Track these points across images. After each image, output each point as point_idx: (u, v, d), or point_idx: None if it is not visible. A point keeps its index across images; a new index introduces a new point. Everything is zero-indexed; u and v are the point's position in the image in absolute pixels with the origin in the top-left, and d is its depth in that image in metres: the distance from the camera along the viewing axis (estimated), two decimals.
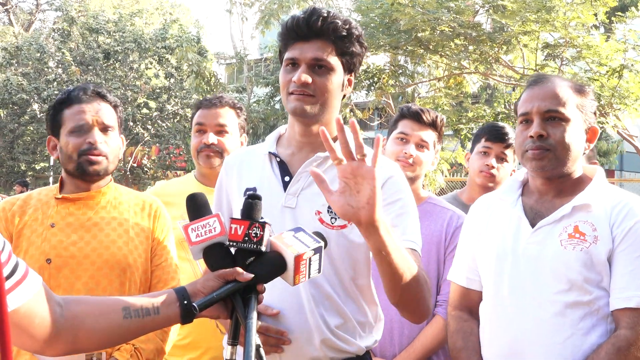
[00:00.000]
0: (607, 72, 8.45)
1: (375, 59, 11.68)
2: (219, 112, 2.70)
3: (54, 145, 2.21)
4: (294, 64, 1.84)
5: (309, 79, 1.81)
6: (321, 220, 1.83)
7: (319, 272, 1.49)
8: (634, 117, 9.09)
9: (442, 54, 9.88)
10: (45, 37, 23.82)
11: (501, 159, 3.02)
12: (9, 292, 1.23)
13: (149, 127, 22.09)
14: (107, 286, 2.00)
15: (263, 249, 1.45)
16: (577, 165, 1.94)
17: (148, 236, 2.15)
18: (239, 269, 1.43)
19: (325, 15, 1.83)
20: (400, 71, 11.59)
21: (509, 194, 2.02)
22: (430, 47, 9.63)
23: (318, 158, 1.87)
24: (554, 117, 1.88)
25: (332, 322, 1.82)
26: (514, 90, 11.13)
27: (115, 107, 2.19)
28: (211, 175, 2.63)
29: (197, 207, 1.50)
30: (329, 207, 1.82)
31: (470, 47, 9.55)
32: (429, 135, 2.71)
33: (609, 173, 21.23)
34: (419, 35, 9.18)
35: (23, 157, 23.18)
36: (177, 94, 22.23)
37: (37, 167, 24.26)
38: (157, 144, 22.27)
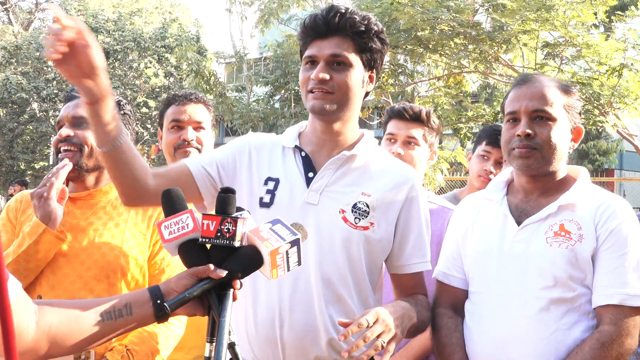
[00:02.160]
0: (607, 71, 8.44)
1: None
2: (197, 108, 2.68)
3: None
4: (313, 61, 1.83)
5: (327, 76, 1.80)
6: (345, 219, 1.82)
7: (299, 264, 1.48)
8: (633, 116, 9.09)
9: (442, 53, 9.88)
10: (45, 36, 23.79)
11: (499, 163, 3.05)
12: None
13: (149, 126, 22.08)
14: (95, 286, 1.99)
15: (237, 244, 1.42)
16: (562, 165, 1.97)
17: (146, 238, 2.12)
18: (212, 266, 1.42)
19: (343, 11, 1.81)
20: (400, 70, 11.58)
21: (494, 193, 2.05)
22: (430, 46, 9.62)
23: (343, 156, 1.87)
24: (541, 117, 1.91)
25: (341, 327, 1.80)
26: (510, 92, 11.12)
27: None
28: None
29: (171, 202, 1.48)
30: (354, 206, 1.83)
31: (470, 46, 9.54)
32: (416, 131, 2.71)
33: (609, 172, 21.23)
34: (419, 34, 9.17)
35: (22, 156, 23.18)
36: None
37: (37, 166, 24.25)
38: (157, 143, 22.28)
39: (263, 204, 1.85)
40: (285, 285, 1.81)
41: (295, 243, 1.45)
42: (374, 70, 1.90)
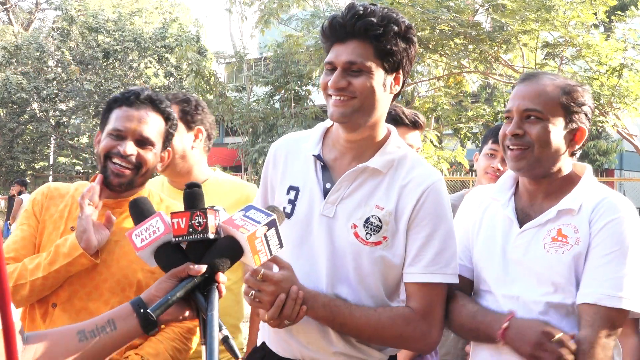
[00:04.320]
0: (607, 71, 8.45)
1: None
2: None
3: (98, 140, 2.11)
4: (333, 68, 1.77)
5: (344, 84, 1.74)
6: (356, 235, 1.78)
7: (281, 246, 1.43)
8: (633, 116, 9.09)
9: (442, 53, 9.88)
10: (45, 36, 23.80)
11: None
12: None
13: None
14: (109, 298, 1.95)
15: (211, 236, 1.38)
16: (563, 164, 1.92)
17: None
18: (190, 264, 1.37)
19: (362, 12, 1.72)
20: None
21: (501, 192, 2.02)
22: (430, 46, 9.63)
23: (358, 170, 1.82)
24: (532, 116, 1.88)
25: (354, 339, 1.82)
26: (513, 89, 11.12)
27: (167, 119, 2.08)
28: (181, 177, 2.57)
29: (139, 210, 1.45)
30: (366, 221, 1.78)
31: (470, 46, 9.54)
32: (413, 135, 2.74)
33: (609, 172, 21.24)
34: (419, 34, 9.17)
35: (22, 156, 23.18)
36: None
37: (37, 167, 24.25)
38: None
39: (285, 215, 1.85)
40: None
41: (272, 224, 1.41)
42: (400, 72, 1.80)
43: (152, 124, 2.02)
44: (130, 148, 1.97)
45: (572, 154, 1.93)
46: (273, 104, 17.38)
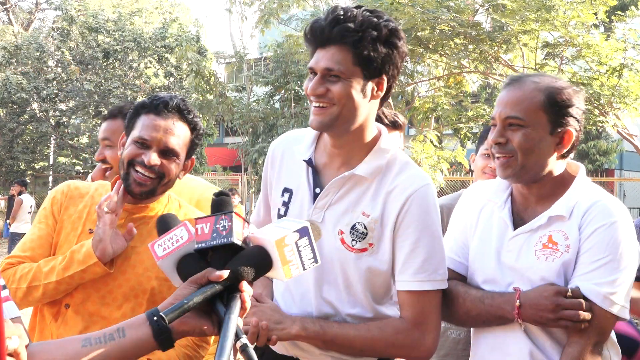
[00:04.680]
0: (607, 71, 8.45)
1: None
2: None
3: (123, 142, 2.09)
4: (314, 72, 1.76)
5: (322, 90, 1.73)
6: (342, 241, 1.79)
7: (316, 261, 1.31)
8: (633, 116, 9.09)
9: (442, 53, 9.88)
10: (45, 36, 23.80)
11: None
12: None
13: None
14: (122, 304, 1.94)
15: (237, 241, 1.27)
16: (553, 167, 1.89)
17: None
18: (212, 269, 1.27)
19: (341, 17, 1.70)
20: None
21: (498, 194, 2.00)
22: (430, 46, 9.63)
23: (345, 177, 1.81)
24: (513, 124, 1.85)
25: None
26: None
27: (193, 129, 2.05)
28: None
29: (165, 223, 1.38)
30: (352, 227, 1.79)
31: (470, 46, 9.54)
32: (393, 135, 2.74)
33: (609, 172, 21.24)
34: (419, 34, 9.17)
35: (22, 156, 23.17)
36: (177, 93, 22.20)
37: (37, 167, 24.25)
38: None
39: (279, 216, 1.89)
40: (288, 303, 1.86)
41: (303, 233, 1.30)
42: (383, 76, 1.76)
43: (178, 134, 1.99)
44: (154, 158, 1.95)
45: (563, 156, 1.90)
46: (273, 104, 17.37)
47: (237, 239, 1.28)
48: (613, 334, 1.90)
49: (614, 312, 1.75)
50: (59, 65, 22.56)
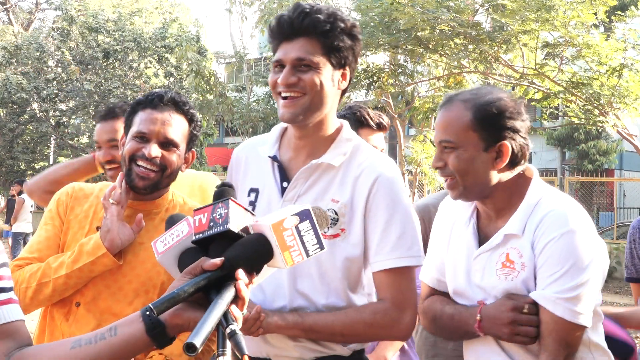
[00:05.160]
0: (607, 71, 8.45)
1: (375, 58, 11.68)
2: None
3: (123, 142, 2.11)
4: (281, 65, 1.80)
5: (294, 79, 1.77)
6: None
7: (321, 247, 1.23)
8: (633, 116, 9.09)
9: (442, 53, 9.88)
10: (45, 36, 23.79)
11: None
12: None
13: None
14: (133, 300, 1.95)
15: (234, 229, 1.20)
16: (502, 180, 1.85)
17: None
18: (206, 258, 1.20)
19: (308, 10, 1.76)
20: (400, 70, 11.59)
21: (463, 210, 1.98)
22: (430, 46, 9.63)
23: (312, 166, 1.85)
24: (446, 147, 1.85)
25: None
26: (513, 89, 11.13)
27: (190, 120, 2.07)
28: None
29: (172, 222, 1.33)
30: None
31: (470, 46, 9.54)
32: (378, 137, 2.78)
33: (609, 172, 21.23)
34: (419, 34, 9.17)
35: (22, 156, 23.18)
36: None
37: (37, 167, 24.25)
38: None
39: None
40: (259, 300, 1.86)
41: (305, 216, 1.22)
42: (347, 68, 1.84)
43: (176, 126, 2.01)
44: (154, 150, 1.97)
45: (510, 167, 1.85)
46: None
47: (235, 227, 1.21)
48: (598, 338, 1.87)
49: (577, 322, 1.72)
50: (59, 65, 22.56)
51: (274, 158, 1.91)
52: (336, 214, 1.81)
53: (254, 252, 1.20)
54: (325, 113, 1.84)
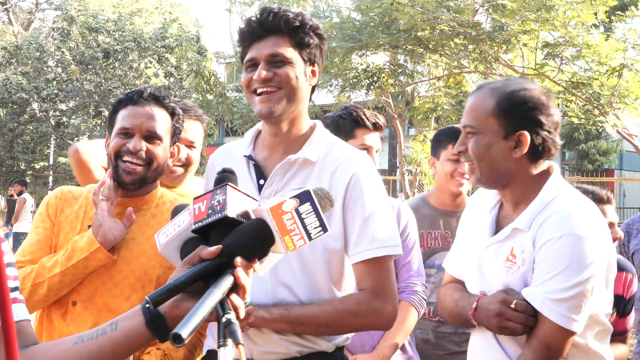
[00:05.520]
0: (607, 71, 8.44)
1: (375, 58, 11.68)
2: (192, 126, 2.59)
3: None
4: (254, 64, 1.85)
5: (270, 74, 1.82)
6: None
7: (324, 230, 1.17)
8: (633, 116, 9.08)
9: (442, 53, 9.88)
10: (45, 36, 23.79)
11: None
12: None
13: None
14: (130, 295, 1.97)
15: (232, 215, 1.15)
16: (520, 171, 1.86)
17: None
18: (204, 247, 1.17)
19: (277, 10, 1.84)
20: (400, 70, 11.58)
21: (489, 199, 2.01)
22: (430, 46, 9.62)
23: (288, 161, 1.88)
24: (469, 132, 1.88)
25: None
26: None
27: (172, 114, 2.11)
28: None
29: (176, 212, 1.29)
30: None
31: (470, 46, 9.54)
32: (374, 137, 2.79)
33: (609, 172, 21.23)
34: (419, 34, 9.17)
35: (22, 156, 23.17)
36: (177, 93, 22.22)
37: (37, 167, 24.24)
38: None
39: None
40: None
41: (305, 198, 1.16)
42: (315, 65, 1.91)
43: (158, 119, 2.05)
44: (139, 144, 2.00)
45: (531, 160, 1.85)
46: None
47: (233, 213, 1.16)
48: (602, 349, 1.83)
49: (564, 325, 1.70)
50: (59, 65, 22.56)
51: (250, 157, 1.95)
52: None
53: (253, 238, 1.16)
54: (299, 108, 1.89)
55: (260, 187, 1.90)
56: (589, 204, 1.83)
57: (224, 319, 1.07)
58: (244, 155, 1.95)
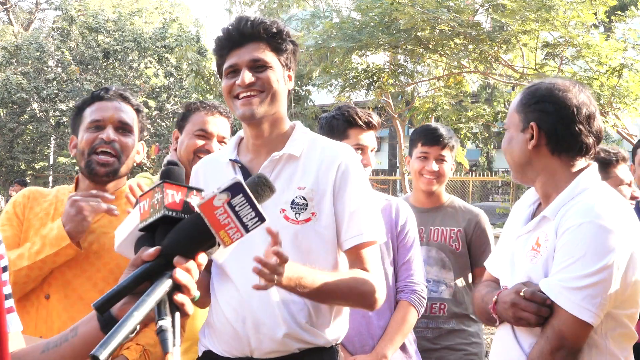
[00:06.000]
0: (607, 71, 8.44)
1: (375, 58, 11.68)
2: (224, 122, 2.71)
3: (75, 144, 2.17)
4: (235, 70, 1.92)
5: (253, 79, 1.89)
6: (286, 217, 1.89)
7: (261, 220, 1.13)
8: (633, 116, 9.08)
9: (442, 53, 9.87)
10: (45, 36, 23.79)
11: (440, 160, 3.11)
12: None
13: (149, 126, 22.09)
14: (104, 288, 1.97)
15: (169, 213, 1.14)
16: (545, 165, 1.88)
17: None
18: (145, 248, 1.16)
19: (253, 19, 1.93)
20: (400, 70, 11.59)
21: (532, 194, 2.04)
22: (430, 46, 9.62)
23: (274, 158, 1.94)
24: (504, 129, 1.99)
25: (301, 317, 1.90)
26: (513, 89, 11.13)
27: (137, 111, 2.17)
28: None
29: (171, 175, 1.24)
30: (292, 202, 1.90)
31: (470, 46, 9.54)
32: (369, 135, 2.83)
33: None
34: (419, 34, 9.17)
35: (22, 156, 23.16)
36: (177, 93, 22.22)
37: (37, 167, 24.24)
38: (157, 143, 22.27)
39: None
40: (243, 288, 1.89)
41: (236, 190, 1.11)
42: (290, 70, 2.00)
43: (126, 112, 2.11)
44: (112, 134, 2.05)
45: (554, 153, 1.86)
46: None
47: (170, 211, 1.14)
48: (621, 351, 1.78)
49: (577, 315, 1.67)
50: (59, 65, 22.55)
51: (235, 160, 1.99)
52: (304, 199, 1.91)
53: (190, 235, 1.13)
54: (279, 110, 1.97)
55: None
56: (619, 199, 1.82)
57: (157, 326, 1.07)
58: (230, 160, 2.00)
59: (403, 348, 2.70)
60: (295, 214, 1.90)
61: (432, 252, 3.08)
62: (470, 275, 3.15)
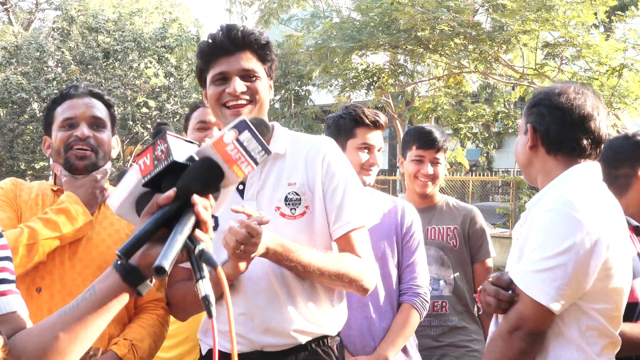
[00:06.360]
0: (607, 71, 8.45)
1: (375, 58, 11.69)
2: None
3: (49, 144, 2.18)
4: (224, 77, 1.94)
5: (244, 88, 1.92)
6: (282, 214, 1.92)
7: (267, 152, 1.23)
8: (633, 116, 9.09)
9: (442, 53, 9.88)
10: (45, 36, 23.79)
11: (435, 163, 3.12)
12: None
13: (149, 126, 22.09)
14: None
15: (179, 159, 1.20)
16: (541, 166, 1.95)
17: None
18: (158, 194, 1.20)
19: (242, 28, 1.96)
20: (400, 70, 11.60)
21: None
22: (430, 46, 9.63)
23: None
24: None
25: (304, 309, 1.93)
26: (513, 89, 11.15)
27: (108, 105, 2.20)
28: None
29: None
30: (285, 199, 1.93)
31: (470, 46, 9.55)
32: (377, 135, 2.84)
33: None
34: (419, 34, 9.17)
35: (22, 156, 23.17)
36: (177, 93, 22.22)
37: (37, 167, 24.25)
38: None
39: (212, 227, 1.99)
40: (249, 288, 1.91)
41: (242, 127, 1.21)
42: (271, 79, 2.04)
43: (97, 107, 2.13)
44: (86, 130, 2.07)
45: (550, 153, 1.91)
46: (273, 104, 17.37)
47: (179, 157, 1.21)
48: (590, 349, 1.77)
49: (535, 297, 1.71)
50: (59, 65, 22.55)
51: None
52: (297, 194, 1.93)
53: (203, 174, 1.21)
54: (265, 116, 2.01)
55: (241, 192, 1.95)
56: (598, 192, 1.83)
57: (196, 251, 1.13)
58: None
59: (404, 350, 2.70)
60: (291, 209, 1.92)
61: (431, 251, 3.08)
62: (470, 271, 3.16)
